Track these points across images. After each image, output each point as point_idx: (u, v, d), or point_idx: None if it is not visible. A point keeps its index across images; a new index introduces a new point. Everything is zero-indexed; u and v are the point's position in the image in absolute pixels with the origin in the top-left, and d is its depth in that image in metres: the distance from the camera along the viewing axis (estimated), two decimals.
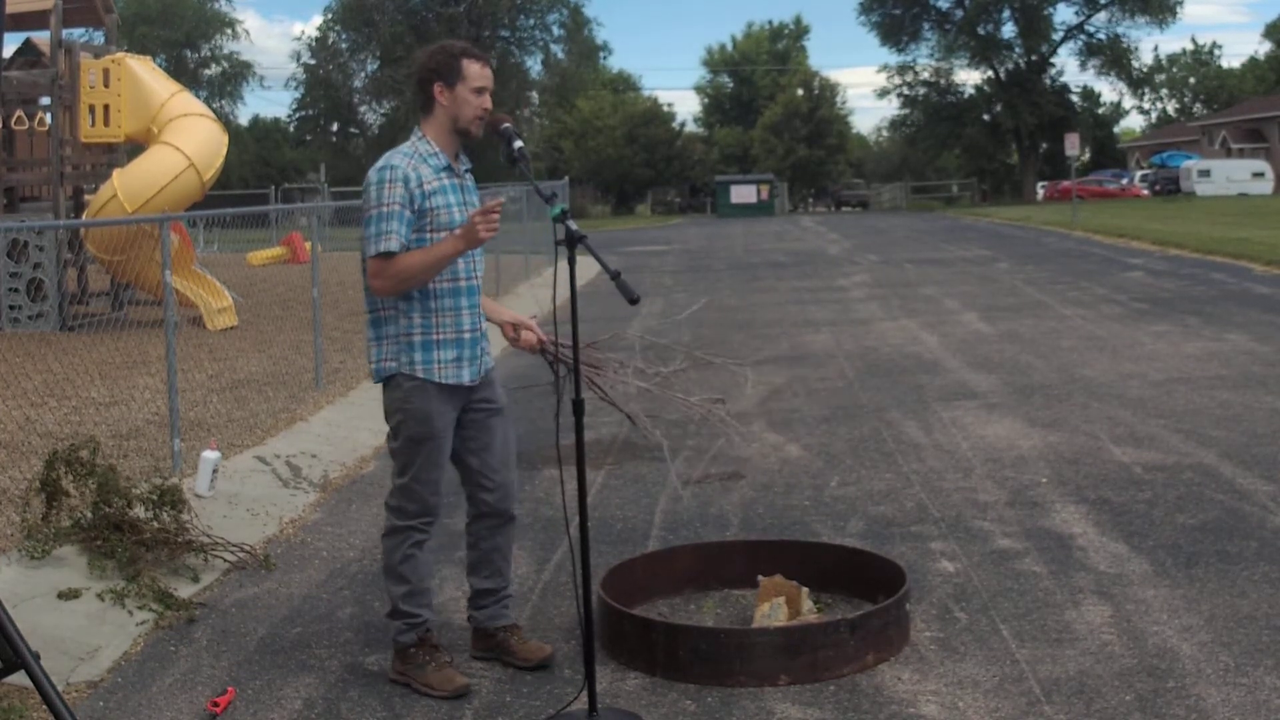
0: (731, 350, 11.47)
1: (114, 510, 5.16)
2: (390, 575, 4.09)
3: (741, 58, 76.84)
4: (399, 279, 3.89)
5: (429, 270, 3.90)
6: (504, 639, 4.24)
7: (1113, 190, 55.44)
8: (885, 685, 3.91)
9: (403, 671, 4.07)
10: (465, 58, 3.98)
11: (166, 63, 57.31)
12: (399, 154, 3.98)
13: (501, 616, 4.28)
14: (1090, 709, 3.66)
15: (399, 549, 4.05)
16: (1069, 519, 5.62)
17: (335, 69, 60.90)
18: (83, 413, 7.86)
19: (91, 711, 3.95)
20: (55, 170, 14.28)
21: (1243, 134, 60.40)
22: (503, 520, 4.24)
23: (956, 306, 14.31)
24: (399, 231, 3.87)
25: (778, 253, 26.48)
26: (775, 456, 7.12)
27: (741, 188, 56.59)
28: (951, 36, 63.89)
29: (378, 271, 3.89)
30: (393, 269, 3.88)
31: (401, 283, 3.91)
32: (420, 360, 3.96)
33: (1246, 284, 15.48)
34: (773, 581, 4.46)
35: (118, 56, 13.97)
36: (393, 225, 3.87)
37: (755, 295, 16.94)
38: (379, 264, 3.89)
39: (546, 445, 7.54)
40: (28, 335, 12.14)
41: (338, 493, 6.71)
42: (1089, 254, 21.86)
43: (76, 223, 13.38)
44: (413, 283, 3.92)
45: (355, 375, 9.76)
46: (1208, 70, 77.09)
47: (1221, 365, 9.48)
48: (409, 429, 3.99)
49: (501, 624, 4.27)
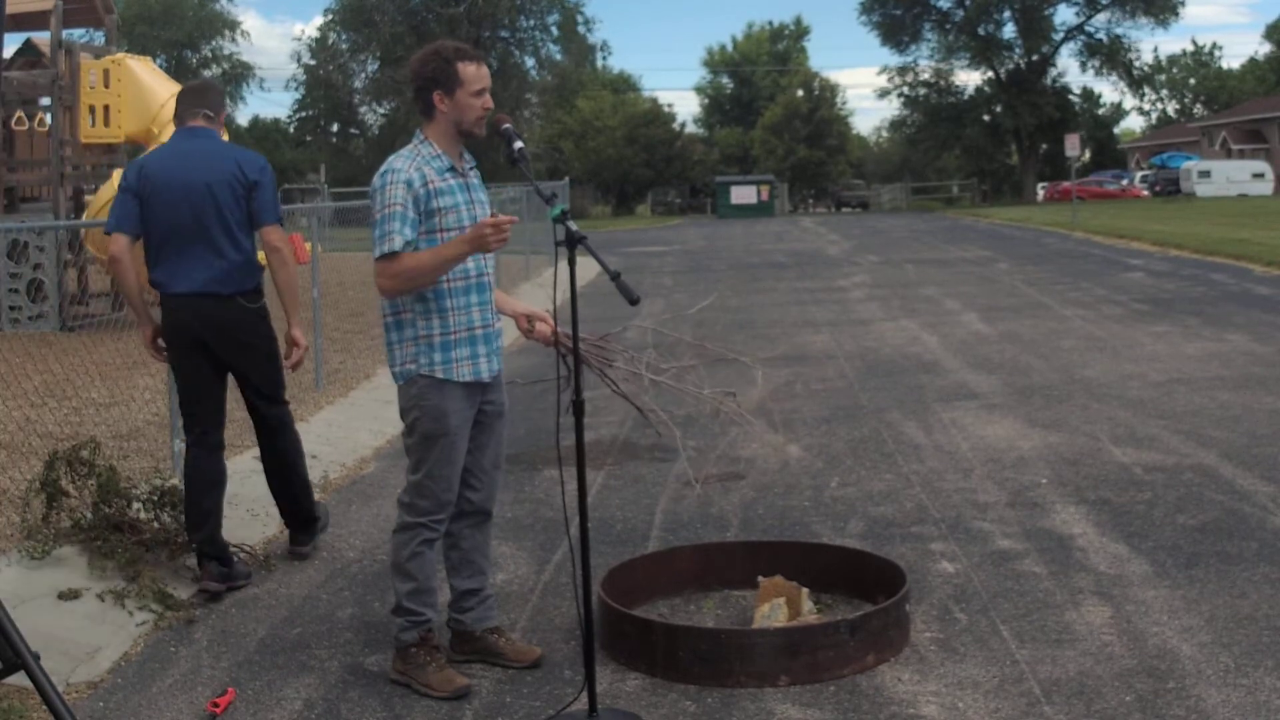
0: (732, 350, 11.46)
1: (114, 511, 5.16)
2: (397, 571, 4.10)
3: (742, 58, 76.89)
4: (405, 278, 3.91)
5: (435, 270, 3.91)
6: (491, 641, 4.24)
7: (1113, 191, 55.45)
8: (885, 686, 3.91)
9: (403, 671, 4.07)
10: (460, 61, 3.97)
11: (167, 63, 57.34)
12: (400, 157, 3.99)
13: (488, 618, 4.28)
14: (1090, 709, 3.66)
15: (408, 545, 4.07)
16: (1069, 520, 5.62)
17: (335, 69, 60.88)
18: (83, 413, 7.86)
19: (91, 712, 3.95)
20: (55, 171, 14.29)
21: (1243, 135, 60.41)
22: (483, 518, 4.26)
23: (956, 307, 14.32)
24: (401, 231, 3.88)
25: (778, 253, 26.48)
26: (775, 457, 7.12)
27: (742, 188, 56.58)
28: (952, 37, 63.91)
29: (384, 271, 3.91)
30: (398, 267, 3.89)
31: (408, 281, 3.91)
32: (440, 361, 3.99)
33: (1246, 285, 15.48)
34: (773, 582, 4.46)
35: (118, 57, 13.97)
36: (394, 225, 3.88)
37: (755, 296, 16.95)
38: (385, 264, 3.90)
39: (546, 445, 7.54)
40: (28, 336, 12.13)
41: (338, 493, 6.71)
42: (1089, 255, 21.86)
43: (77, 223, 13.37)
44: (419, 282, 3.92)
45: (355, 376, 9.77)
46: (1208, 71, 77.12)
47: (1222, 366, 9.49)
48: (424, 425, 4.00)
49: (488, 625, 4.27)
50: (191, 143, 5.09)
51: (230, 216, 4.96)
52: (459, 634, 4.28)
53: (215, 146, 5.10)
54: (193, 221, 4.92)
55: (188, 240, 4.93)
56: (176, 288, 4.97)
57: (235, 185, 4.97)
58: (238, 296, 5.01)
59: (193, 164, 4.98)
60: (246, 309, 5.05)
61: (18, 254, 12.70)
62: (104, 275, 13.91)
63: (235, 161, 5.03)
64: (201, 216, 4.92)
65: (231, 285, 4.98)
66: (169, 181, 4.94)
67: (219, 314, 4.98)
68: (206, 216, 4.92)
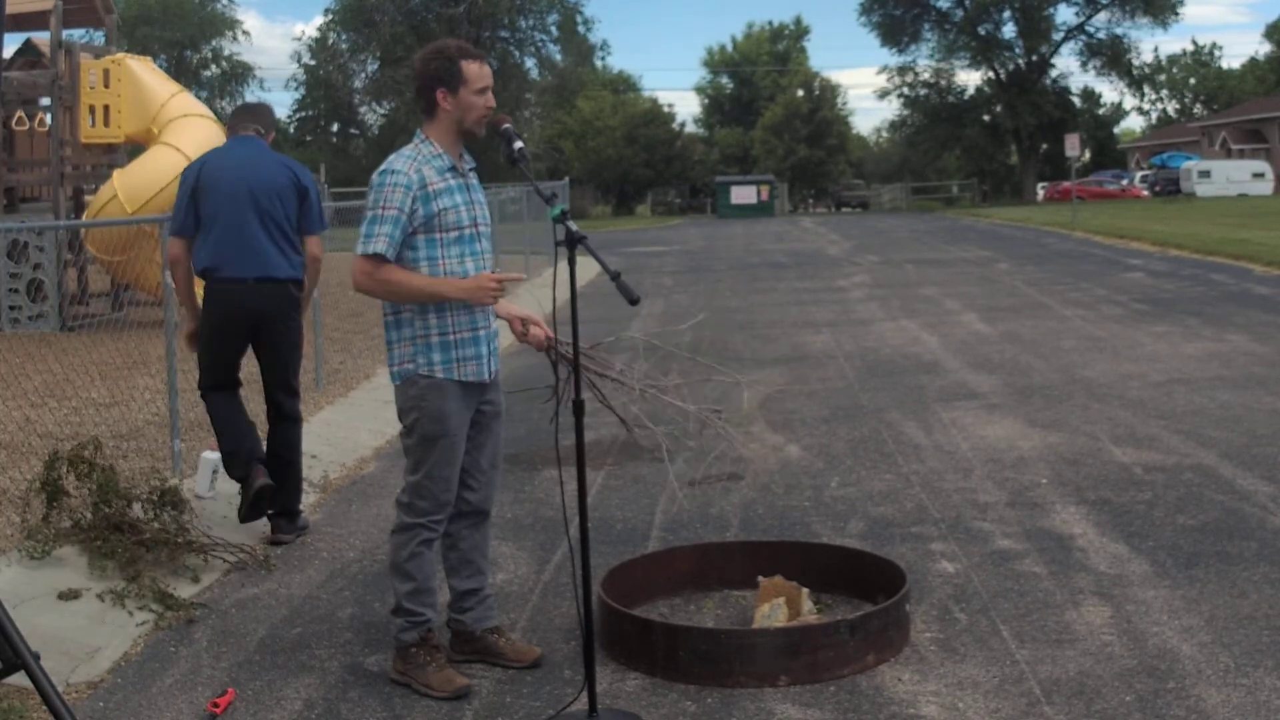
0: (732, 351, 11.48)
1: (114, 511, 5.16)
2: (396, 572, 4.10)
3: (742, 58, 76.85)
4: (388, 288, 3.94)
5: (420, 297, 3.95)
6: (491, 641, 4.24)
7: (1113, 191, 55.44)
8: (885, 686, 3.91)
9: (403, 671, 4.07)
10: (464, 59, 3.99)
11: (167, 63, 57.34)
12: (401, 157, 3.99)
13: (488, 618, 4.28)
14: (1090, 709, 3.66)
15: (407, 546, 4.07)
16: (1069, 520, 5.62)
17: (335, 70, 60.87)
18: (83, 413, 7.86)
19: (91, 712, 3.95)
20: (55, 171, 14.28)
21: (1243, 135, 60.41)
22: (481, 518, 4.27)
23: (957, 307, 14.32)
24: (391, 235, 3.90)
25: (778, 253, 26.48)
26: (775, 457, 7.12)
27: (742, 188, 56.58)
28: (952, 37, 63.90)
29: (367, 271, 3.92)
30: (384, 274, 3.91)
31: (389, 292, 3.96)
32: (440, 361, 3.99)
33: (1247, 285, 15.48)
34: (773, 582, 4.46)
35: (118, 57, 13.97)
36: (386, 229, 3.89)
37: (755, 296, 16.95)
38: (369, 264, 3.91)
39: (546, 446, 7.54)
40: (28, 336, 12.14)
41: (338, 493, 6.71)
42: (1089, 255, 21.86)
43: (77, 223, 13.38)
44: (397, 298, 3.97)
45: (355, 376, 9.77)
46: (1208, 71, 77.11)
47: (1222, 366, 9.49)
48: (424, 426, 4.00)
49: (488, 625, 4.27)
50: (247, 147, 5.64)
51: (286, 213, 5.51)
52: (459, 634, 4.28)
53: (270, 153, 5.68)
54: (254, 214, 5.44)
55: (248, 231, 5.43)
56: (234, 273, 5.44)
57: (291, 188, 5.55)
58: (289, 283, 5.54)
59: (252, 163, 5.53)
60: (293, 296, 5.59)
61: (18, 254, 12.70)
62: (104, 275, 13.92)
63: (289, 168, 5.64)
64: (261, 210, 5.45)
65: (285, 271, 5.50)
66: (230, 177, 5.46)
67: (274, 296, 5.51)
68: (266, 210, 5.44)
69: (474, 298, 3.97)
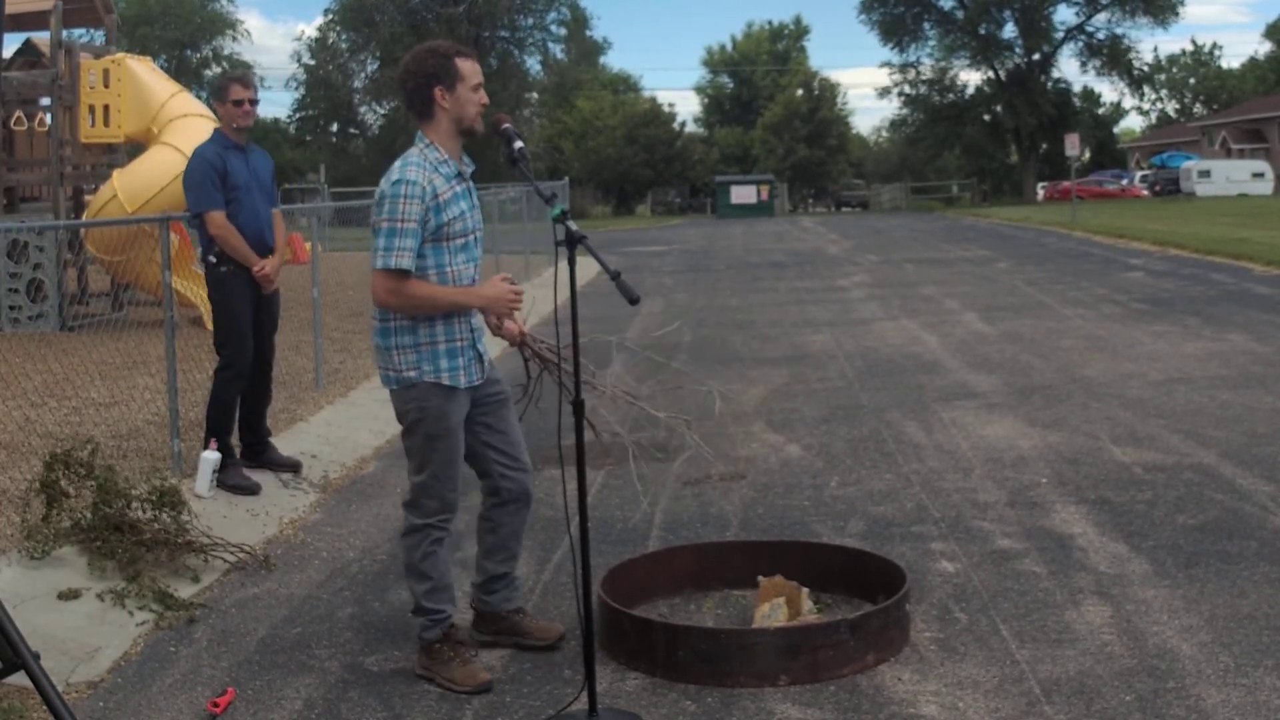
0: (732, 350, 11.48)
1: (114, 511, 5.15)
2: (412, 573, 4.12)
3: (741, 58, 76.86)
4: (414, 303, 3.95)
5: (441, 308, 3.98)
6: (517, 621, 4.33)
7: (1112, 191, 55.44)
8: (885, 686, 3.91)
9: (428, 667, 4.10)
10: (457, 57, 4.02)
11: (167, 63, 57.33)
12: (412, 166, 3.95)
13: (514, 599, 4.36)
14: (1090, 709, 3.66)
15: (419, 547, 4.09)
16: (1069, 519, 5.62)
17: (335, 69, 60.89)
18: (83, 413, 7.86)
19: (91, 711, 3.95)
20: (55, 170, 14.28)
21: (1243, 134, 60.42)
22: (523, 504, 4.30)
23: (956, 306, 14.32)
24: (413, 249, 3.91)
25: (778, 253, 26.49)
26: (775, 457, 7.12)
27: (741, 188, 56.59)
28: (952, 36, 63.89)
29: (392, 289, 3.92)
30: (410, 290, 3.92)
31: (412, 306, 3.96)
32: (446, 368, 4.02)
33: (1246, 284, 15.48)
34: (773, 582, 4.46)
35: (118, 57, 13.96)
36: (408, 243, 3.90)
37: (755, 295, 16.95)
38: (393, 281, 3.91)
39: (546, 445, 7.53)
40: (28, 335, 12.13)
41: (338, 493, 6.71)
42: (1089, 254, 21.86)
43: (76, 223, 13.37)
44: (420, 311, 3.97)
45: (355, 376, 9.77)
46: (1208, 70, 77.08)
47: (1221, 365, 9.49)
48: (427, 427, 4.02)
49: (514, 606, 4.35)
50: None
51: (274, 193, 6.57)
52: (483, 615, 4.33)
53: None
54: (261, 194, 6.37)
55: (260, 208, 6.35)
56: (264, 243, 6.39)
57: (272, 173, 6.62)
58: None
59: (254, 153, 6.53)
60: None
61: (18, 254, 12.69)
62: (104, 275, 13.92)
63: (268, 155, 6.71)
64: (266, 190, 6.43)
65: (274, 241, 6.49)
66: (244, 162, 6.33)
67: None
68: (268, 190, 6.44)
69: (494, 308, 4.04)
